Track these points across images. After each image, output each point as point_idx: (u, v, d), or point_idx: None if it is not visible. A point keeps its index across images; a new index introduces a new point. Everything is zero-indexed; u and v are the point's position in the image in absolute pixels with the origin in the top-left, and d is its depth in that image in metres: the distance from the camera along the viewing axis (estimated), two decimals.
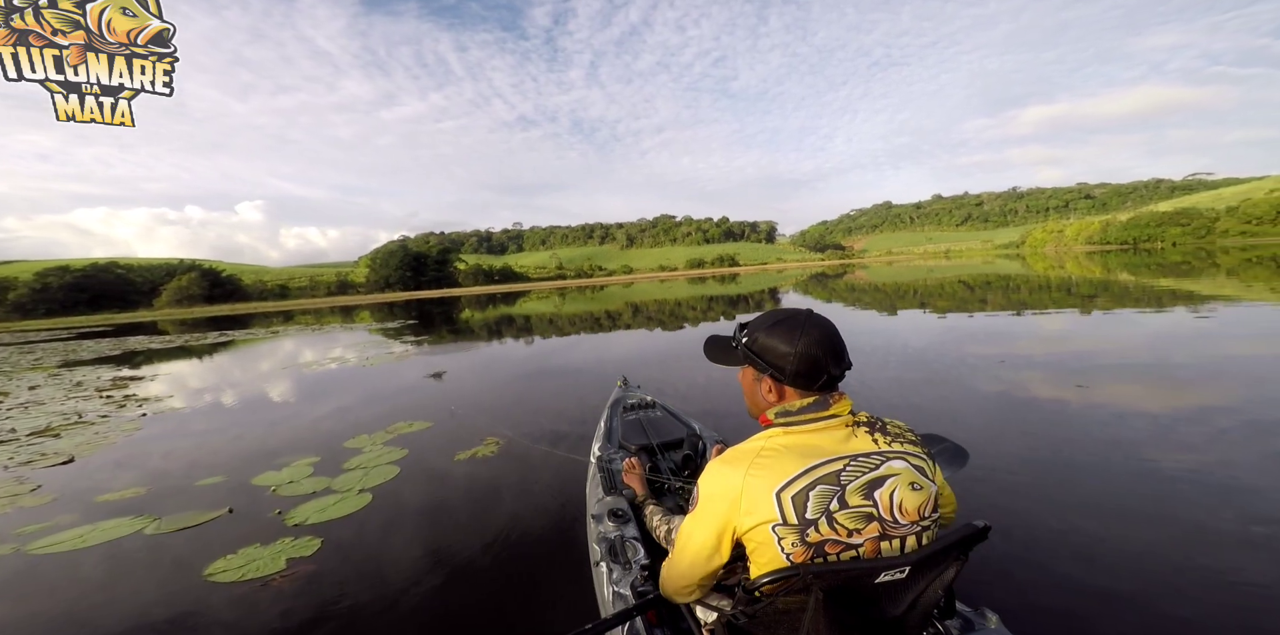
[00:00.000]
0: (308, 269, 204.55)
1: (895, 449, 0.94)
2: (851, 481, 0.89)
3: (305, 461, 4.04)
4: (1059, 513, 2.53)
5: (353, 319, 25.66)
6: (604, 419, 2.74)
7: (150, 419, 6.13)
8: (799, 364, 0.96)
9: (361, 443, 4.43)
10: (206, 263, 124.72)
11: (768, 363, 1.00)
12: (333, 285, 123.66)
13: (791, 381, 0.98)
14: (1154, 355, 5.76)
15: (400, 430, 4.74)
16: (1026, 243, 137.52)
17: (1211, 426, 3.52)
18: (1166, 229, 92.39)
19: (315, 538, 2.79)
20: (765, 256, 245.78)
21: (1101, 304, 10.92)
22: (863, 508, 0.88)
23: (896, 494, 0.90)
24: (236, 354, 13.59)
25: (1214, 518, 2.39)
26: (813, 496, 0.87)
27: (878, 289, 21.29)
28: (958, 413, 4.21)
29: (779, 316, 1.02)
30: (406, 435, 4.59)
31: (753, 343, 1.03)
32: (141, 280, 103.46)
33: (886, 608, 0.90)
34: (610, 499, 1.85)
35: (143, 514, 3.31)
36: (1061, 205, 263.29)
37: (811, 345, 0.96)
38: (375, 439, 4.51)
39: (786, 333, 0.98)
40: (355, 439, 4.56)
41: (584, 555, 2.07)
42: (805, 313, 1.02)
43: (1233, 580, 1.99)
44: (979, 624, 1.12)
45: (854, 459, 0.91)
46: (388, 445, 4.30)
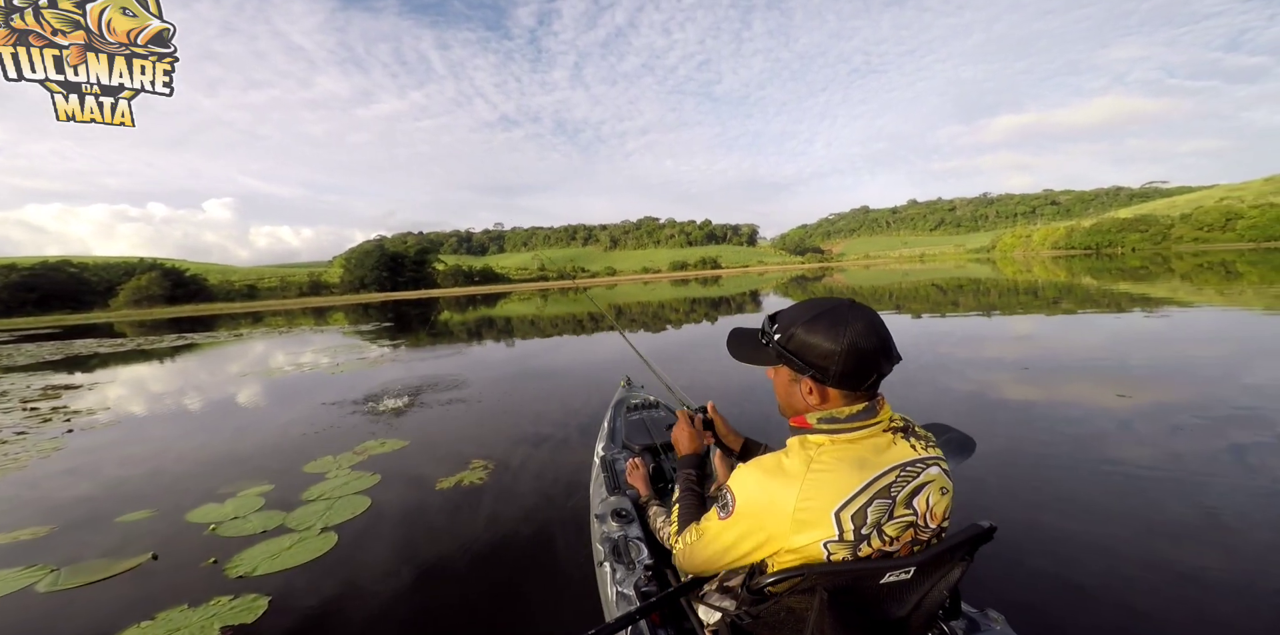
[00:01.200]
0: (279, 269, 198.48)
1: (930, 454, 0.91)
2: (900, 492, 0.87)
3: (255, 490, 3.50)
4: (1060, 512, 2.55)
5: (326, 321, 24.87)
6: (607, 419, 2.72)
7: (76, 436, 5.40)
8: (845, 363, 0.87)
9: (325, 466, 3.90)
10: (169, 262, 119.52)
11: (808, 362, 0.90)
12: (305, 286, 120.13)
13: (837, 383, 0.89)
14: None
15: (371, 450, 4.20)
16: (997, 247, 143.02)
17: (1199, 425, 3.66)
18: (1126, 235, 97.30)
19: (261, 596, 2.23)
20: (747, 259, 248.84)
21: (1067, 307, 11.37)
22: (905, 517, 0.87)
23: (930, 499, 0.89)
24: (192, 360, 12.64)
25: (1228, 521, 2.38)
26: (870, 512, 0.84)
27: (855, 292, 21.54)
28: (955, 412, 4.31)
29: (818, 308, 0.92)
30: (379, 457, 4.05)
31: (788, 339, 0.93)
32: (97, 279, 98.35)
33: (891, 608, 0.89)
34: (614, 499, 1.84)
35: (38, 563, 2.66)
36: (1029, 211, 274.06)
37: (858, 340, 0.87)
38: (342, 462, 3.96)
39: (829, 328, 0.88)
40: (318, 461, 4.01)
41: (587, 555, 2.03)
42: (847, 303, 0.92)
43: (1240, 581, 1.98)
44: (984, 625, 1.10)
45: (903, 468, 0.88)
46: (356, 470, 3.78)
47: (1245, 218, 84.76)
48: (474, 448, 4.13)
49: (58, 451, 4.90)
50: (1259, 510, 2.43)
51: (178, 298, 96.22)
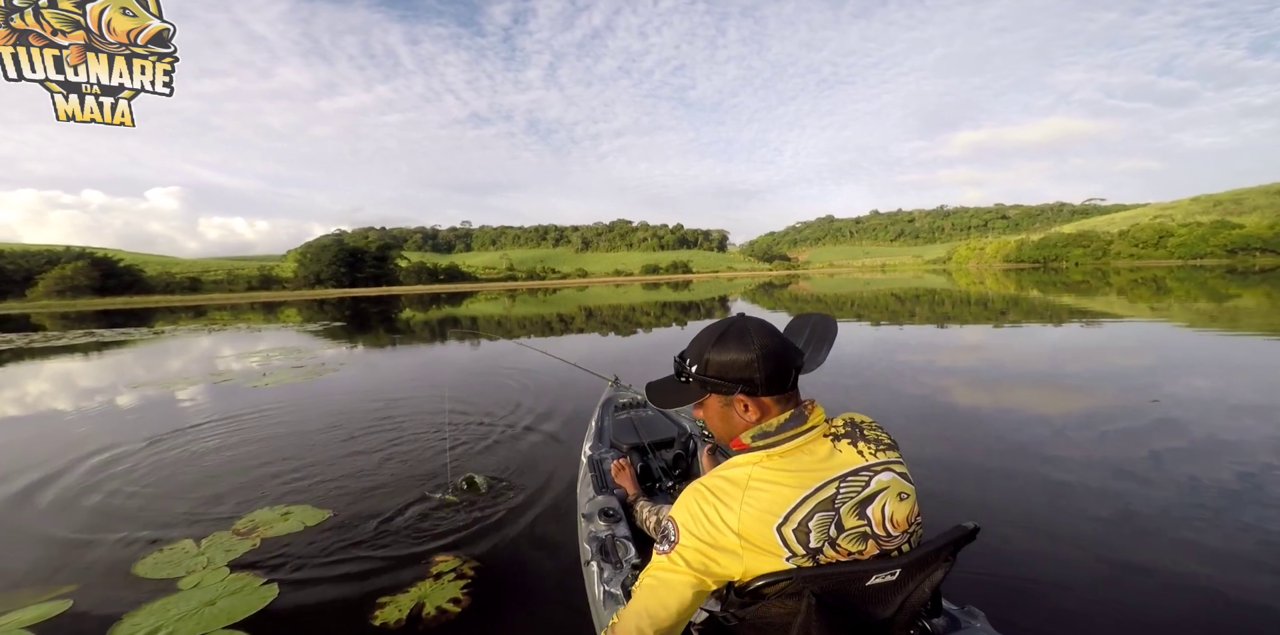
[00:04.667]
0: (227, 262, 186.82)
1: (880, 459, 0.91)
2: (845, 503, 0.86)
3: (31, 615, 2.00)
4: (1036, 513, 2.68)
5: (276, 317, 23.54)
6: (595, 418, 2.72)
7: None
8: (766, 366, 0.90)
9: (177, 562, 2.33)
10: (102, 251, 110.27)
11: (732, 380, 0.92)
12: (254, 280, 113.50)
13: (767, 389, 0.92)
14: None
15: (268, 527, 2.59)
16: (952, 259, 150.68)
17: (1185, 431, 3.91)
18: (1070, 250, 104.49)
19: None
20: (717, 265, 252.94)
21: (1014, 318, 12.13)
22: (858, 528, 0.86)
23: (887, 508, 0.88)
24: (74, 363, 10.27)
25: (1206, 530, 2.51)
26: (813, 527, 0.84)
27: (820, 300, 22.29)
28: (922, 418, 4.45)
29: (717, 331, 0.96)
30: (274, 542, 2.49)
31: (705, 367, 0.95)
32: (14, 268, 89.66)
33: (877, 609, 0.90)
34: (601, 498, 1.85)
35: None
36: (982, 224, 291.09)
37: (766, 343, 0.92)
38: (211, 551, 2.41)
39: (737, 341, 0.92)
40: (168, 551, 2.43)
41: (575, 554, 2.00)
42: (738, 317, 0.97)
43: (1200, 581, 2.09)
44: (965, 622, 1.13)
45: (844, 479, 0.87)
46: (236, 570, 2.26)
47: (1175, 236, 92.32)
48: (433, 528, 2.61)
49: None
50: (1182, 510, 2.67)
51: (109, 289, 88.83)
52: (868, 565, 0.86)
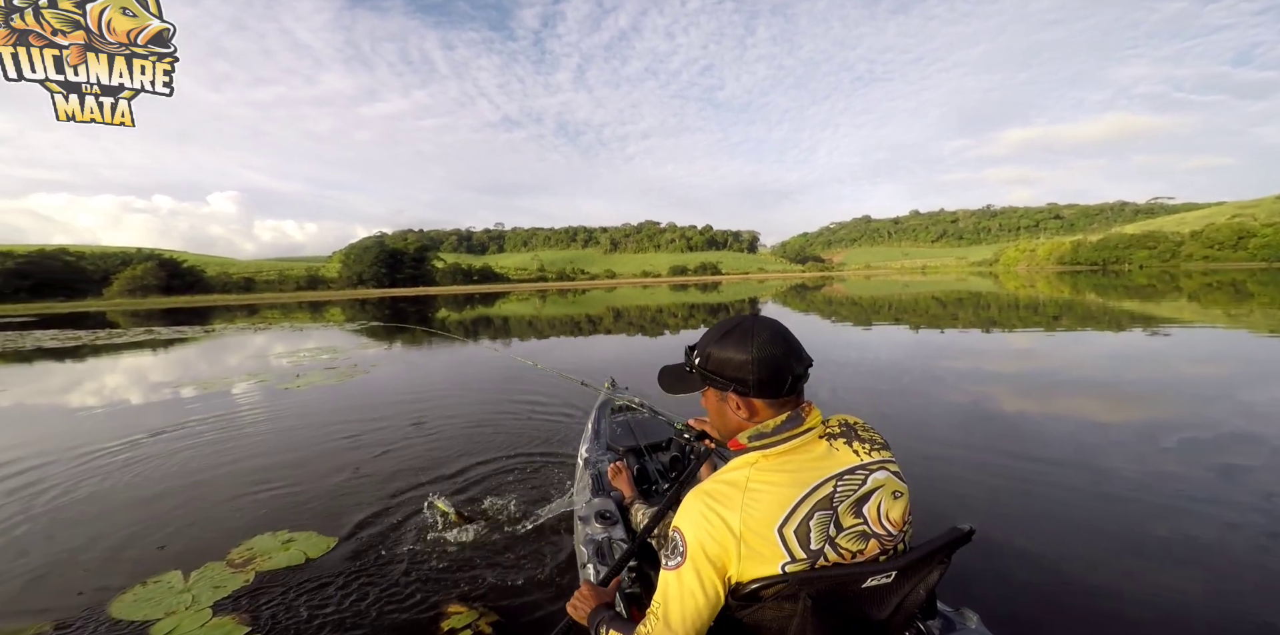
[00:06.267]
0: (278, 263, 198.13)
1: (875, 458, 0.91)
2: (843, 502, 0.87)
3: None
4: (1035, 517, 2.62)
5: (322, 316, 24.67)
6: (591, 421, 2.69)
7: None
8: (760, 370, 0.91)
9: (158, 598, 2.10)
10: (168, 252, 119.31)
11: (727, 378, 0.95)
12: (302, 280, 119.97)
13: (758, 392, 0.93)
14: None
15: (265, 557, 2.35)
16: (1000, 261, 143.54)
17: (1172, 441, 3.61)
18: (1134, 251, 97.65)
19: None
20: (747, 266, 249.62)
21: (1070, 324, 11.30)
22: (856, 527, 0.87)
23: (883, 506, 0.89)
24: (122, 360, 10.62)
25: (1190, 529, 2.48)
26: (813, 526, 0.85)
27: (855, 303, 21.59)
28: (940, 421, 4.24)
29: (725, 327, 0.98)
30: (269, 578, 2.23)
31: (706, 361, 0.98)
32: (94, 268, 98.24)
33: (873, 611, 0.90)
34: (598, 501, 1.83)
35: None
36: (1033, 224, 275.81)
37: (766, 346, 0.92)
38: (198, 587, 2.15)
39: (738, 341, 0.93)
40: (154, 582, 2.19)
41: (571, 556, 1.96)
42: (750, 317, 0.98)
43: (1198, 588, 2.06)
44: (959, 623, 1.13)
45: (841, 477, 0.88)
46: (218, 613, 2.01)
47: (1258, 236, 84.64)
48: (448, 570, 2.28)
49: None
50: (1235, 529, 2.46)
51: (174, 288, 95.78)
52: (863, 568, 0.86)
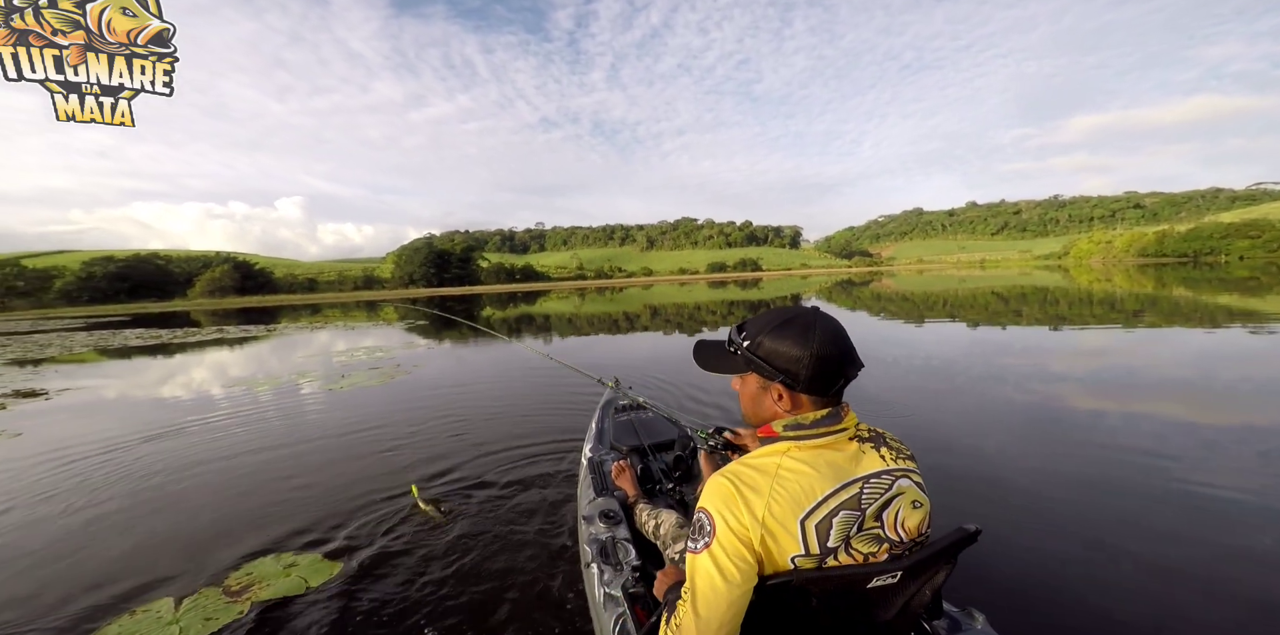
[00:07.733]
0: (338, 264, 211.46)
1: (901, 466, 0.91)
2: (870, 505, 0.86)
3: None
4: (1049, 518, 2.54)
5: (377, 314, 25.99)
6: (595, 420, 2.69)
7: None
8: (815, 368, 0.89)
9: (144, 630, 1.92)
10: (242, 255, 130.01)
11: (777, 368, 0.92)
12: (359, 280, 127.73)
13: (806, 388, 0.91)
14: None
15: (264, 585, 2.17)
16: (1071, 254, 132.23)
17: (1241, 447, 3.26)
18: (1233, 241, 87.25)
19: None
20: (789, 262, 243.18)
21: (1154, 321, 10.14)
22: (872, 530, 0.87)
23: (901, 513, 0.88)
24: (197, 358, 10.98)
25: (1225, 534, 2.35)
26: (836, 524, 0.84)
27: (906, 298, 20.41)
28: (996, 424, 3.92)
29: (785, 316, 0.94)
30: (264, 609, 2.02)
31: (756, 347, 0.95)
32: (180, 271, 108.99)
33: (878, 611, 0.90)
34: (601, 500, 1.83)
35: None
36: (1108, 214, 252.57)
37: (826, 345, 0.89)
38: (190, 615, 1.98)
39: (798, 334, 0.90)
40: (143, 611, 2.03)
41: (575, 556, 1.96)
42: (813, 311, 0.95)
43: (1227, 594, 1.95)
44: (966, 624, 1.12)
45: (868, 480, 0.87)
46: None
47: None
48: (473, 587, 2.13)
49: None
50: None
51: (247, 289, 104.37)
52: (869, 568, 0.85)
